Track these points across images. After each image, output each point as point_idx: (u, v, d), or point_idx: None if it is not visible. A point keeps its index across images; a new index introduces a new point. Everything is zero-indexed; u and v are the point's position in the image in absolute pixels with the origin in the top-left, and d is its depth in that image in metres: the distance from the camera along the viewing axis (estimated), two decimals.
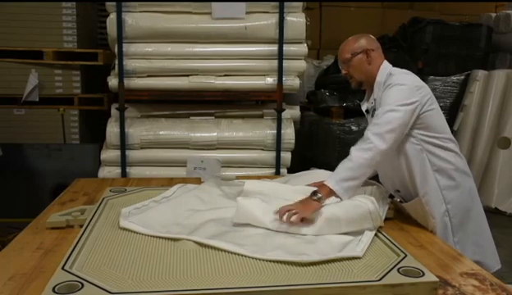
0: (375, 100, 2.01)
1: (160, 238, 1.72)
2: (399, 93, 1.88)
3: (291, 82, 3.44)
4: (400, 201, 2.11)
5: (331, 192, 1.82)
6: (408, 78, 1.96)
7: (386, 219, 1.98)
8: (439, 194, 1.98)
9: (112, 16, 3.26)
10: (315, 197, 1.79)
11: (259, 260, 1.52)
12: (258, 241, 1.66)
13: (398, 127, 1.85)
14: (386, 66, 2.04)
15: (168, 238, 1.71)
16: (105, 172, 3.38)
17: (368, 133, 1.87)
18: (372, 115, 2.01)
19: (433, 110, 1.95)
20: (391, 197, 2.14)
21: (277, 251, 1.55)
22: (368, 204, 1.81)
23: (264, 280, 1.39)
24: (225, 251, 1.59)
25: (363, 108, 2.15)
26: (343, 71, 2.09)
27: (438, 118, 1.99)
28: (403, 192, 2.08)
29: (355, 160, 1.84)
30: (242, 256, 1.55)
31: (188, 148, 3.42)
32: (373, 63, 2.02)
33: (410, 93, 1.89)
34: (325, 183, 1.84)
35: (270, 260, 1.51)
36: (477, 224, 2.07)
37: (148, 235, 1.74)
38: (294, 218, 1.73)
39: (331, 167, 1.98)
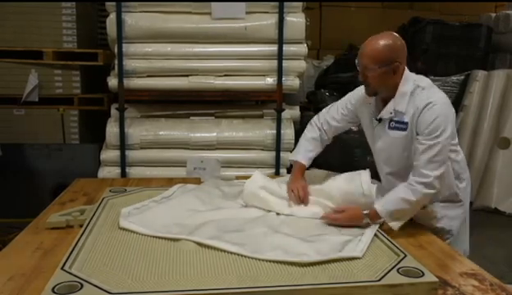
0: (395, 110, 1.89)
1: (160, 238, 1.72)
2: (444, 123, 1.79)
3: (291, 82, 3.44)
4: None
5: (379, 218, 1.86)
6: (442, 97, 1.87)
7: None
8: (457, 197, 2.01)
9: (112, 16, 3.26)
10: (364, 220, 1.85)
11: (259, 260, 1.52)
12: (257, 241, 1.66)
13: (446, 162, 1.85)
14: (408, 74, 1.91)
15: (168, 239, 1.71)
16: (105, 172, 3.38)
17: (428, 174, 1.78)
18: (390, 127, 1.92)
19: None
20: None
21: (277, 252, 1.56)
22: (360, 178, 1.93)
23: (264, 280, 1.39)
24: (225, 251, 1.59)
25: (375, 116, 1.99)
26: (360, 77, 1.91)
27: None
28: None
29: (412, 204, 1.82)
30: (242, 256, 1.55)
31: (188, 148, 3.42)
32: (398, 74, 1.87)
33: (451, 117, 1.84)
34: (376, 206, 1.85)
35: (270, 261, 1.51)
36: (467, 230, 2.11)
37: (147, 235, 1.74)
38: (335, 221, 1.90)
39: (331, 167, 1.99)
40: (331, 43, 5.82)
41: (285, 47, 3.36)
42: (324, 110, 2.29)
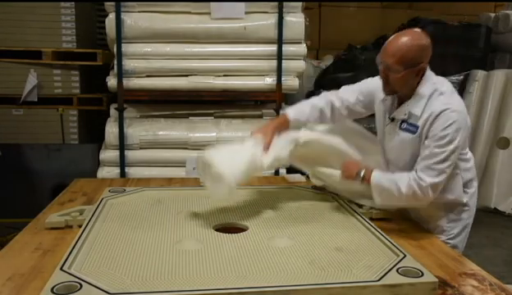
0: (409, 113, 1.83)
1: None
2: (454, 132, 1.73)
3: (290, 82, 3.44)
4: None
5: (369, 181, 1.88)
6: (459, 105, 1.80)
7: (385, 219, 1.99)
8: (463, 202, 1.99)
9: (111, 16, 3.26)
10: (359, 174, 1.90)
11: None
12: None
13: (449, 172, 1.79)
14: (429, 75, 1.83)
15: (169, 238, 1.70)
16: (104, 172, 3.38)
17: (424, 178, 1.76)
18: (401, 128, 1.86)
19: None
20: None
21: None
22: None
23: (264, 280, 1.39)
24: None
25: (388, 114, 1.94)
26: (381, 74, 1.84)
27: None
28: None
29: (401, 195, 1.80)
30: (242, 254, 1.56)
31: (187, 148, 3.42)
32: (420, 75, 1.81)
33: (463, 127, 1.77)
34: (373, 173, 1.87)
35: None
36: (466, 235, 2.08)
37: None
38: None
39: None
40: (330, 42, 5.81)
41: (285, 47, 3.36)
42: (333, 91, 2.20)
